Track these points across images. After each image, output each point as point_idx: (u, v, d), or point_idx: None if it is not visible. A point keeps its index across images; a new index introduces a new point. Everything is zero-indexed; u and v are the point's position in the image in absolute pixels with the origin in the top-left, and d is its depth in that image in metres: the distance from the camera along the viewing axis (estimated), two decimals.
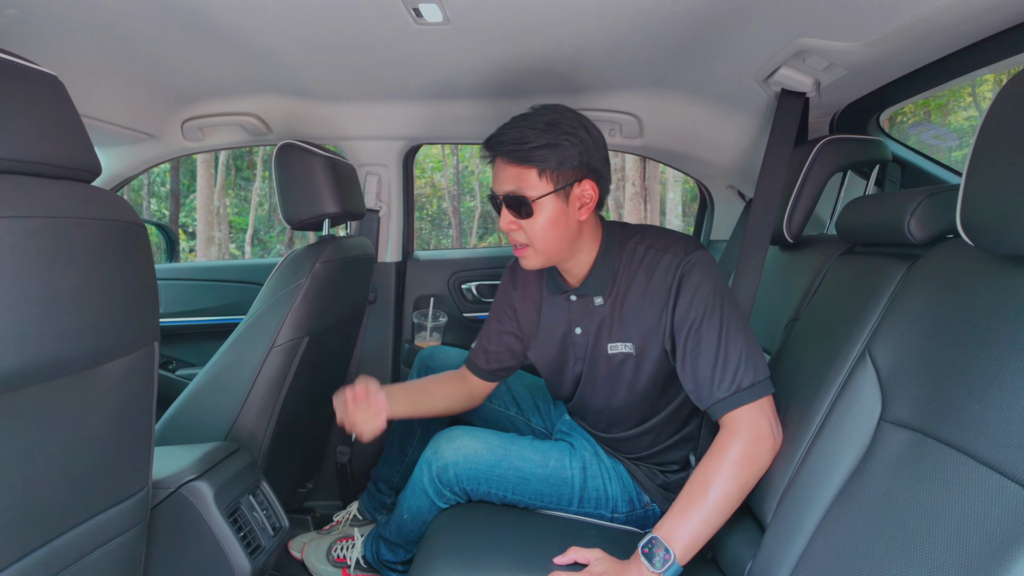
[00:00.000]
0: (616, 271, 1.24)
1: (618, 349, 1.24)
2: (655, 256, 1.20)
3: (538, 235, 1.18)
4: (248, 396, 1.32)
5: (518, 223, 1.18)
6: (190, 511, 1.09)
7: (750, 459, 1.05)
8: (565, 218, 1.18)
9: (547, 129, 1.13)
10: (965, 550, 0.68)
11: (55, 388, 0.76)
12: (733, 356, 1.10)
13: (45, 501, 0.78)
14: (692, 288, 1.14)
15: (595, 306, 1.26)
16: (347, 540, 1.59)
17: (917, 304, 0.93)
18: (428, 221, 16.98)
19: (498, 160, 1.18)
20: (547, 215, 1.16)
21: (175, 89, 1.60)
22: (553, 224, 1.17)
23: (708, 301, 1.13)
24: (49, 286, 0.69)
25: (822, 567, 0.87)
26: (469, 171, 16.79)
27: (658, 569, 1.00)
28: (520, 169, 1.15)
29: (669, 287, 1.17)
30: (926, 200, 0.99)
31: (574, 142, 1.15)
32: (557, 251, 1.21)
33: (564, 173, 1.15)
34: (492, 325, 1.42)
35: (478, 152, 1.29)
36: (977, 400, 0.75)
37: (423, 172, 16.50)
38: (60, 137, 0.75)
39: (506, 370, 1.43)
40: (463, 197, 16.81)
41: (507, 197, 1.17)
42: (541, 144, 1.13)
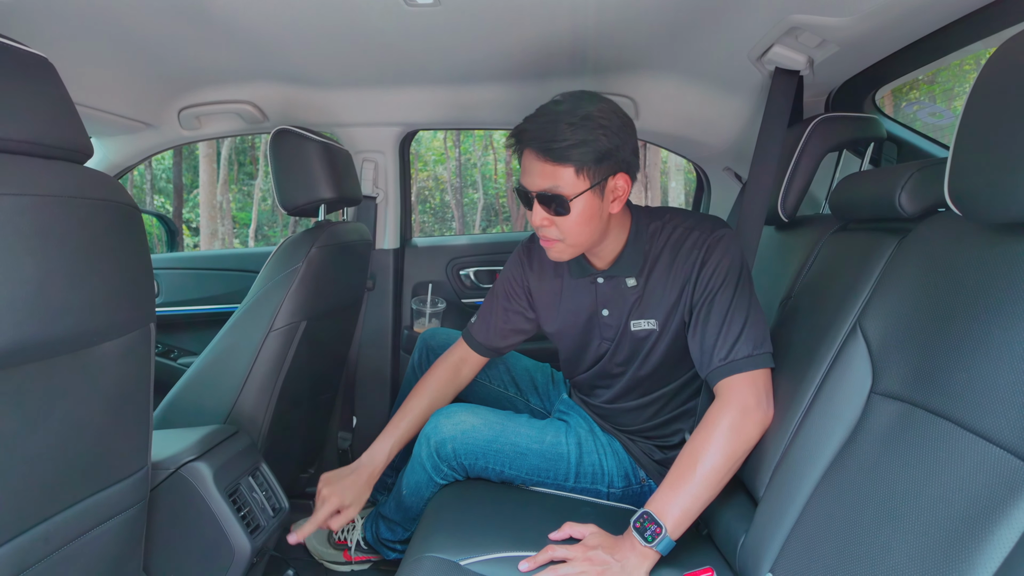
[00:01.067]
0: (647, 252, 1.23)
1: (641, 326, 1.25)
2: (682, 234, 1.21)
3: (572, 231, 1.15)
4: (247, 379, 1.33)
5: (552, 219, 1.14)
6: (190, 491, 1.10)
7: (737, 431, 1.06)
8: (599, 213, 1.15)
9: (582, 124, 1.08)
10: (951, 514, 0.69)
11: (52, 367, 0.77)
12: (736, 327, 1.12)
13: (44, 478, 0.80)
14: (715, 262, 1.16)
15: (627, 287, 1.25)
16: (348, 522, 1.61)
17: (907, 277, 0.93)
18: (431, 214, 16.98)
19: (529, 154, 1.12)
20: (581, 211, 1.13)
21: (171, 77, 1.61)
22: (588, 220, 1.14)
23: (726, 274, 1.15)
24: (42, 264, 0.70)
25: (813, 537, 0.88)
26: (471, 163, 16.77)
27: (650, 543, 1.01)
28: (555, 167, 1.10)
29: (694, 262, 1.18)
30: (917, 173, 0.99)
31: (610, 136, 1.10)
32: (589, 244, 1.20)
33: (600, 169, 1.11)
34: (499, 302, 1.40)
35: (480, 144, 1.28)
36: (964, 369, 0.76)
37: (425, 165, 16.49)
38: (51, 117, 0.76)
39: (507, 347, 1.43)
40: (466, 190, 16.80)
41: (541, 195, 1.12)
42: (577, 141, 1.08)
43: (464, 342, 1.44)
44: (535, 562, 1.01)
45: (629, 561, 1.01)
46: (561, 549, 1.02)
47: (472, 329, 1.43)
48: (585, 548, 1.03)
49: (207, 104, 1.73)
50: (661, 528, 1.01)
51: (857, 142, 1.46)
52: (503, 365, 1.62)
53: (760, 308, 1.16)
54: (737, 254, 1.18)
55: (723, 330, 1.13)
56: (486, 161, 16.87)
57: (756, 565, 0.97)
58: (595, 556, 1.01)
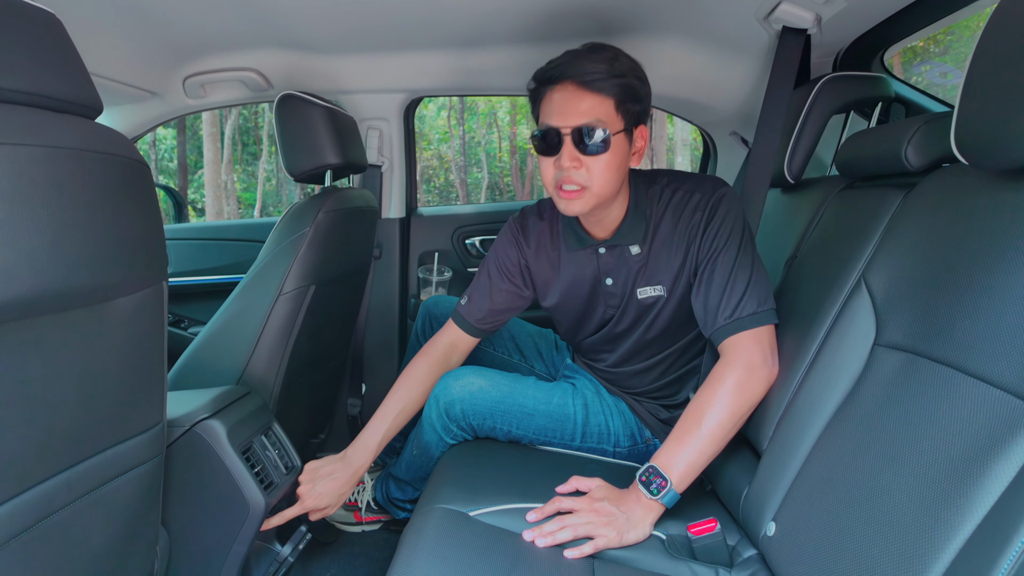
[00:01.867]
0: (648, 217, 1.21)
1: (648, 293, 1.24)
2: (683, 197, 1.20)
3: (601, 175, 1.10)
4: (258, 343, 1.35)
5: (583, 161, 1.09)
6: (205, 448, 1.13)
7: (742, 388, 1.07)
8: (625, 163, 1.13)
9: (616, 61, 1.07)
10: (950, 456, 0.70)
11: (69, 319, 0.79)
12: (740, 285, 1.12)
13: (65, 427, 0.82)
14: (718, 222, 1.15)
15: (631, 255, 1.24)
16: (358, 484, 1.64)
17: (912, 230, 0.93)
18: (436, 193, 16.94)
19: (565, 89, 1.08)
20: (615, 154, 1.09)
21: (175, 44, 1.60)
22: (617, 166, 1.10)
23: (729, 233, 1.15)
24: (56, 215, 0.72)
25: (814, 486, 0.89)
26: (476, 142, 16.67)
27: (655, 496, 1.03)
28: (600, 99, 1.07)
29: (698, 224, 1.17)
30: (924, 126, 0.99)
31: (641, 82, 1.11)
32: (609, 197, 1.14)
33: (631, 112, 1.10)
34: (493, 283, 1.36)
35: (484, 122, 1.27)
36: (967, 316, 0.77)
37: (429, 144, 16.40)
38: (60, 72, 0.76)
39: (499, 325, 1.41)
40: (470, 169, 16.73)
41: (579, 129, 1.07)
42: (618, 73, 1.06)
43: (455, 324, 1.39)
44: (542, 513, 1.03)
45: (635, 513, 1.03)
46: (568, 500, 1.04)
47: (463, 310, 1.38)
48: (591, 500, 1.05)
49: (212, 72, 1.73)
50: (666, 481, 1.03)
51: (864, 102, 1.44)
52: (507, 332, 1.63)
53: (762, 265, 1.16)
54: (739, 212, 1.18)
55: (727, 289, 1.12)
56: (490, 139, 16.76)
57: (759, 515, 0.99)
58: (601, 507, 1.03)
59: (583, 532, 0.99)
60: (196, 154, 13.69)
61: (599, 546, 0.98)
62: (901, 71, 5.34)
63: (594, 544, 0.98)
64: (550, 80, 1.10)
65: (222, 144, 11.59)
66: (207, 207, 11.51)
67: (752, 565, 0.97)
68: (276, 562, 1.23)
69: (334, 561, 1.54)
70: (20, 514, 0.76)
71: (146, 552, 1.03)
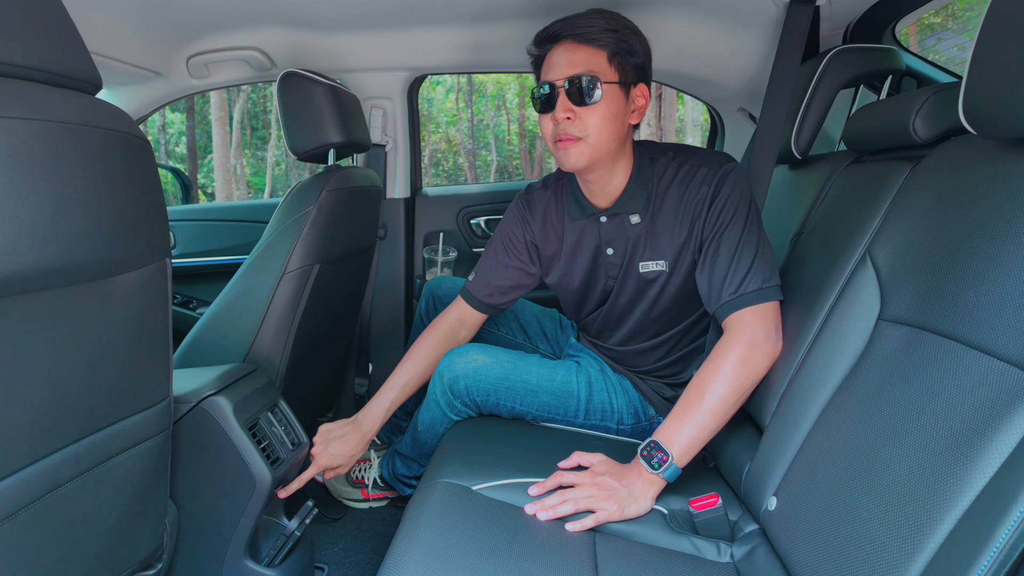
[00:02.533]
0: (651, 188, 1.22)
1: (650, 268, 1.24)
2: (689, 171, 1.20)
3: (596, 126, 1.13)
4: (263, 321, 1.36)
5: (576, 112, 1.13)
6: (211, 424, 1.14)
7: (745, 363, 1.07)
8: (622, 117, 1.16)
9: (611, 19, 1.14)
10: (951, 428, 0.70)
11: (73, 294, 0.80)
12: (745, 261, 1.12)
13: (72, 401, 0.83)
14: (724, 197, 1.15)
15: (630, 224, 1.24)
16: (364, 463, 1.66)
17: (919, 202, 0.92)
18: (444, 177, 16.90)
19: (562, 45, 1.14)
20: (609, 105, 1.13)
21: (178, 23, 1.60)
22: (612, 118, 1.14)
23: (736, 209, 1.15)
24: (57, 189, 0.72)
25: (816, 460, 0.89)
26: (484, 124, 16.57)
27: (656, 470, 1.03)
28: (592, 50, 1.13)
29: (704, 198, 1.17)
30: (932, 97, 0.97)
31: (638, 40, 1.16)
32: (607, 151, 1.16)
33: (627, 68, 1.15)
34: (499, 259, 1.38)
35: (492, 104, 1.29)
36: (972, 288, 0.76)
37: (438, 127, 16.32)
38: (58, 47, 0.76)
39: (507, 303, 1.41)
40: (479, 152, 16.65)
41: (573, 80, 1.12)
42: (612, 28, 1.13)
43: (463, 300, 1.41)
44: (544, 487, 1.04)
45: (636, 487, 1.03)
46: (569, 475, 1.05)
47: (471, 287, 1.40)
48: (593, 474, 1.05)
49: (215, 51, 1.72)
50: (668, 456, 1.03)
51: (874, 75, 1.42)
52: (511, 312, 1.63)
53: (768, 241, 1.15)
54: (745, 188, 1.17)
55: (733, 265, 1.12)
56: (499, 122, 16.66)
57: (760, 490, 0.99)
58: (603, 482, 1.03)
59: (584, 506, 1.00)
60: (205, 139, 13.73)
61: (600, 520, 0.99)
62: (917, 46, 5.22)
63: (595, 518, 0.99)
64: (547, 39, 1.16)
65: (231, 128, 11.61)
66: (216, 191, 11.56)
67: (753, 539, 0.98)
68: (283, 536, 1.25)
69: (341, 536, 1.56)
70: (29, 485, 0.77)
71: (155, 525, 1.05)
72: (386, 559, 0.84)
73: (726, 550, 0.98)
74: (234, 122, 12.22)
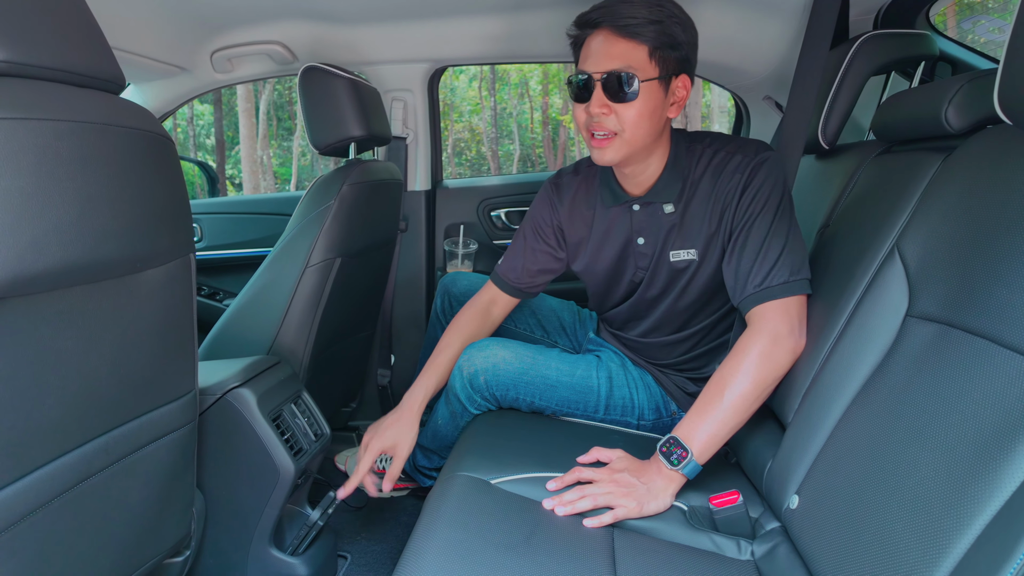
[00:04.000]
0: (685, 176, 1.20)
1: (681, 256, 1.23)
2: (724, 159, 1.17)
3: (632, 122, 1.10)
4: (286, 314, 1.38)
5: (611, 107, 1.10)
6: (236, 415, 1.17)
7: (766, 358, 1.05)
8: (660, 110, 1.12)
9: (658, 6, 1.08)
10: (980, 429, 0.68)
11: (100, 290, 0.82)
12: (773, 253, 1.09)
13: (100, 394, 0.86)
14: (756, 186, 1.12)
15: (664, 214, 1.22)
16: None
17: (950, 195, 0.89)
18: (467, 166, 16.90)
19: (600, 34, 1.10)
20: (646, 102, 1.10)
21: (201, 19, 1.62)
22: (649, 114, 1.11)
23: (767, 199, 1.12)
24: (83, 188, 0.74)
25: (839, 459, 0.88)
26: (507, 113, 16.50)
27: (676, 466, 1.02)
28: (632, 44, 1.08)
29: (736, 186, 1.14)
30: (966, 85, 0.94)
31: (683, 29, 1.10)
32: (642, 146, 1.14)
33: (669, 60, 1.10)
34: (528, 243, 1.38)
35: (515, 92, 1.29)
36: (1005, 285, 0.73)
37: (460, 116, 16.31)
38: (83, 47, 0.78)
39: (536, 287, 1.42)
40: (502, 140, 16.60)
41: (609, 75, 1.08)
42: (655, 19, 1.07)
43: (493, 284, 1.42)
44: (562, 482, 1.04)
45: (655, 484, 1.02)
46: (588, 471, 1.05)
47: (500, 270, 1.41)
48: (611, 471, 1.05)
49: (238, 46, 1.74)
50: (687, 452, 1.02)
51: (906, 61, 1.37)
52: (528, 308, 1.62)
53: (799, 234, 1.13)
54: (780, 178, 1.14)
55: (760, 256, 1.10)
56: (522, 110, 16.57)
57: (782, 488, 0.98)
58: (621, 478, 1.03)
59: (603, 502, 1.00)
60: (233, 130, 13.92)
61: (619, 516, 0.99)
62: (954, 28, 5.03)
63: (614, 514, 0.99)
64: (587, 24, 1.11)
65: (257, 119, 11.74)
66: (244, 182, 11.73)
67: (774, 538, 0.97)
68: (306, 526, 1.28)
69: (364, 525, 1.59)
70: (61, 475, 0.80)
71: (183, 512, 1.08)
72: (405, 552, 0.85)
73: (747, 548, 0.97)
74: (260, 113, 12.37)
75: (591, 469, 1.05)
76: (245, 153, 11.35)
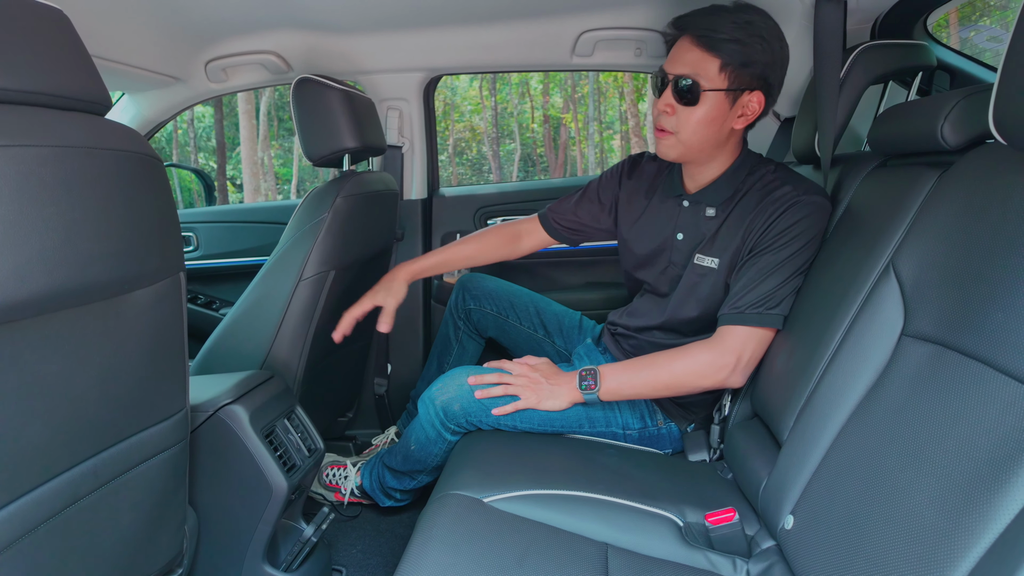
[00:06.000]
0: (737, 189, 1.25)
1: (704, 262, 1.28)
2: (775, 184, 1.22)
3: (689, 127, 1.18)
4: (280, 327, 1.37)
5: (675, 107, 1.18)
6: (228, 432, 1.16)
7: (702, 372, 1.18)
8: (721, 120, 1.19)
9: (744, 26, 1.13)
10: (975, 456, 0.67)
11: (86, 313, 0.81)
12: (767, 286, 1.16)
13: (88, 417, 0.85)
14: (787, 221, 1.17)
15: (705, 216, 1.28)
16: (340, 467, 1.61)
17: (946, 213, 0.88)
18: (468, 166, 16.88)
19: (682, 40, 1.18)
20: (707, 110, 1.17)
21: (195, 30, 1.61)
22: (709, 122, 1.18)
23: (791, 237, 1.16)
24: (67, 213, 0.73)
25: (834, 480, 0.87)
26: (508, 112, 16.47)
27: (581, 389, 1.23)
28: (704, 55, 1.15)
29: (772, 212, 1.18)
30: (962, 101, 0.93)
31: (764, 49, 1.15)
32: (698, 150, 1.22)
33: (742, 76, 1.16)
34: (584, 195, 1.49)
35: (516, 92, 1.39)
36: (1001, 308, 0.72)
37: (461, 115, 16.29)
38: (67, 70, 0.77)
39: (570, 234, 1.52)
40: (503, 140, 16.57)
41: (678, 79, 1.17)
42: (734, 38, 1.13)
43: (536, 217, 1.55)
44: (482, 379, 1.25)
45: (559, 389, 1.24)
46: (508, 364, 1.27)
47: (548, 208, 1.54)
48: (529, 368, 1.27)
49: (232, 56, 1.73)
50: (595, 386, 1.22)
51: (903, 72, 1.36)
52: (534, 307, 1.69)
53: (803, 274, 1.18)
54: (812, 224, 1.17)
55: (754, 283, 1.17)
56: (523, 110, 16.55)
57: (777, 508, 0.97)
58: (534, 375, 1.25)
59: (512, 391, 1.23)
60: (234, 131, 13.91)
61: (519, 406, 1.23)
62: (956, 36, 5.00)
63: (514, 404, 1.23)
64: (676, 27, 1.20)
65: (257, 121, 11.74)
66: (244, 183, 11.72)
67: (770, 557, 0.96)
68: (300, 542, 1.27)
69: (359, 538, 1.58)
70: (48, 501, 0.79)
71: (175, 531, 1.07)
72: (396, 575, 0.85)
73: (742, 566, 0.96)
74: (261, 115, 12.36)
75: (511, 363, 1.28)
76: (246, 154, 11.34)
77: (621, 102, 15.39)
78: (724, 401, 1.31)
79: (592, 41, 1.70)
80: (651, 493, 1.08)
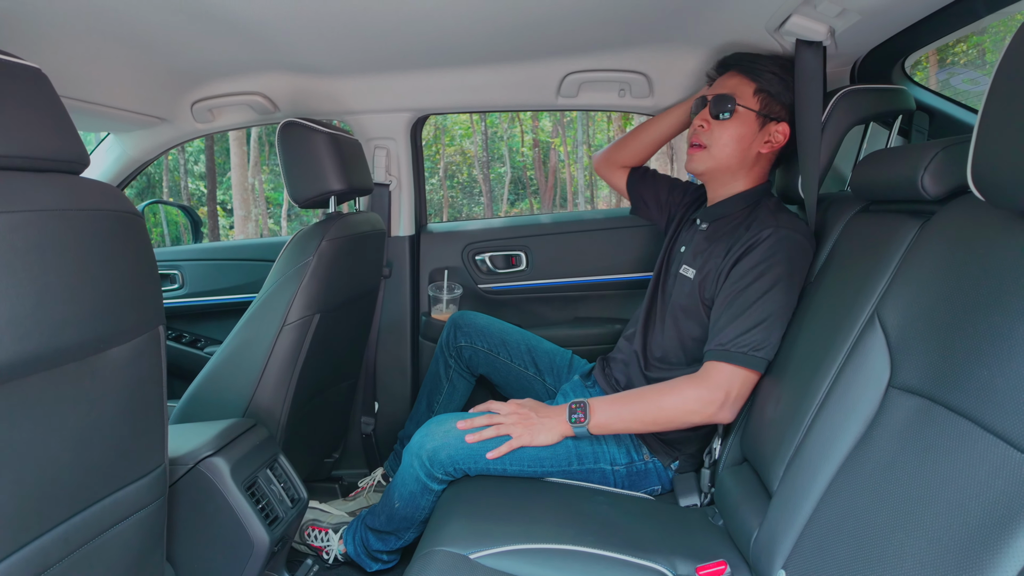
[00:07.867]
0: (736, 213, 1.34)
1: (684, 271, 1.36)
2: (765, 216, 1.27)
3: (720, 141, 1.30)
4: (263, 373, 1.35)
5: (710, 123, 1.31)
6: (208, 486, 1.13)
7: (691, 408, 1.19)
8: (749, 140, 1.31)
9: (783, 64, 1.30)
10: (966, 522, 0.66)
11: (60, 375, 0.79)
12: (751, 321, 1.17)
13: (60, 482, 0.82)
14: (762, 253, 1.21)
15: (699, 229, 1.39)
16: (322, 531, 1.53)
17: (928, 264, 0.88)
18: (459, 189, 16.93)
19: (729, 72, 1.34)
20: (738, 127, 1.30)
21: (180, 72, 1.61)
22: (738, 139, 1.30)
23: (767, 270, 1.19)
24: (39, 278, 0.71)
25: (826, 536, 0.85)
26: (498, 136, 16.60)
27: (571, 422, 1.23)
28: (742, 79, 1.31)
29: (747, 240, 1.23)
30: (941, 153, 0.94)
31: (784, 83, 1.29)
32: (725, 166, 1.33)
33: (774, 105, 1.30)
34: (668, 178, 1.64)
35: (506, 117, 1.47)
36: (985, 365, 0.72)
37: (452, 140, 16.39)
38: (44, 130, 0.76)
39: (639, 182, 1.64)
40: (493, 164, 16.67)
41: (717, 96, 1.31)
42: (771, 70, 1.29)
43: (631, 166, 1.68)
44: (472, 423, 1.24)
45: (549, 423, 1.24)
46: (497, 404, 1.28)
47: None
48: (518, 405, 1.28)
49: (218, 97, 1.73)
50: (585, 418, 1.23)
51: (885, 115, 1.38)
52: (526, 345, 1.70)
53: (785, 313, 1.18)
54: (788, 255, 1.20)
55: (738, 318, 1.18)
56: (512, 134, 16.69)
57: (769, 561, 0.95)
58: (523, 412, 1.26)
59: (504, 431, 1.22)
60: (224, 156, 13.91)
61: (513, 445, 1.22)
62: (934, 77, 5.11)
63: (509, 444, 1.22)
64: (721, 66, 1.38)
65: (248, 146, 11.73)
66: (235, 209, 11.67)
67: None
68: None
69: None
70: (17, 572, 0.76)
71: None
72: None
73: None
74: (251, 140, 12.37)
75: (499, 404, 1.28)
76: (236, 181, 11.32)
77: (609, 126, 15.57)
78: (714, 444, 1.30)
79: (577, 83, 1.72)
80: (641, 544, 1.06)
